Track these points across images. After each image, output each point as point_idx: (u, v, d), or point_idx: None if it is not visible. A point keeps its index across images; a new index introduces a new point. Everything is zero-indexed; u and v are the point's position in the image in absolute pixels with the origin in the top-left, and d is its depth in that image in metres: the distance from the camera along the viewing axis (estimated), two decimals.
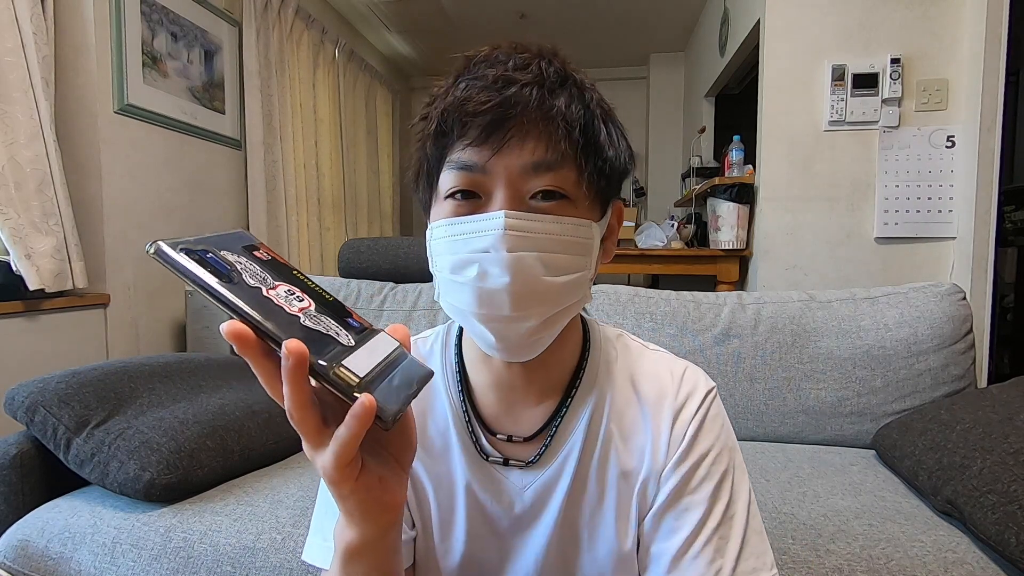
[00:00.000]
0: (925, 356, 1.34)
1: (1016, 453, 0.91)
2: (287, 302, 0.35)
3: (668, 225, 2.76)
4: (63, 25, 1.78)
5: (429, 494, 0.57)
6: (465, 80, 0.46)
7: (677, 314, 1.46)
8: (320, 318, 0.35)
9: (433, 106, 0.48)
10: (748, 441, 1.41)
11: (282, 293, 0.35)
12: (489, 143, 0.45)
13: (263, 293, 0.34)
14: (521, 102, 0.44)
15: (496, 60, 0.46)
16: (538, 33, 3.87)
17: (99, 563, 0.97)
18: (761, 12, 2.27)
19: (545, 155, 0.45)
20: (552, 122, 0.45)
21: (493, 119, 0.45)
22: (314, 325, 0.35)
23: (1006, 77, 1.92)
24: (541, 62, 0.46)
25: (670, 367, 0.57)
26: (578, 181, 0.47)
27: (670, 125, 4.32)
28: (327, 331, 0.35)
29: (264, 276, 0.35)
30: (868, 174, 2.14)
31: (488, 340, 0.49)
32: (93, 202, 1.85)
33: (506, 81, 0.45)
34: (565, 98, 0.46)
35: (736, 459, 0.55)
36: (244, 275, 0.34)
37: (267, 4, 2.66)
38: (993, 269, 1.96)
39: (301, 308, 0.35)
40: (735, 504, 0.52)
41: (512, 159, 0.45)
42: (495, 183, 0.46)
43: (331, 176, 3.32)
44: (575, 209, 0.47)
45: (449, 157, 0.47)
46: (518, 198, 0.46)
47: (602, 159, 0.48)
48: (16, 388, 1.11)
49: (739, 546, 0.50)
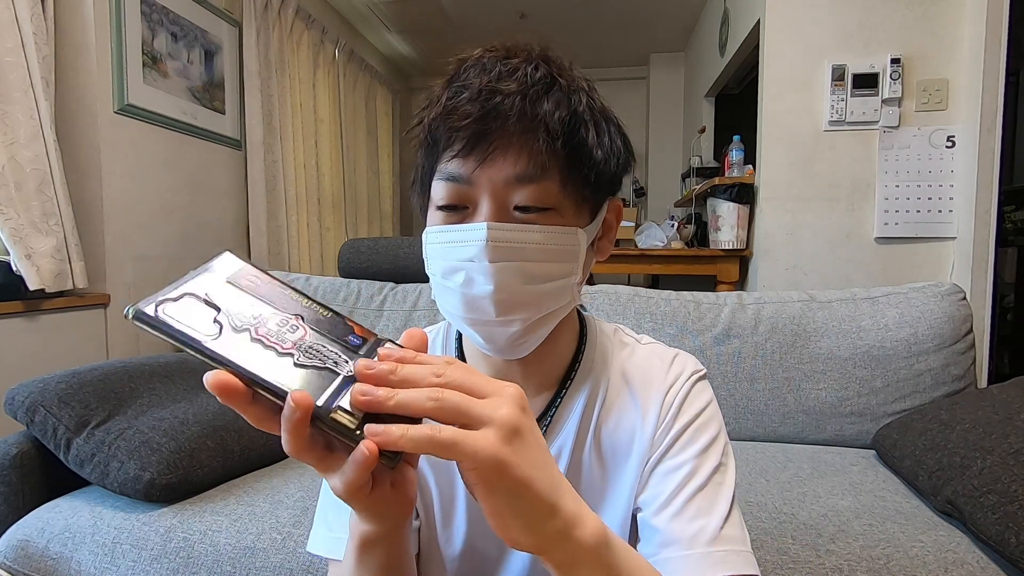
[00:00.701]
0: (925, 356, 1.34)
1: (1016, 453, 0.91)
2: (280, 338, 0.33)
3: (668, 225, 2.76)
4: (63, 25, 1.79)
5: (431, 483, 0.58)
6: (454, 88, 0.46)
7: (677, 314, 1.46)
8: (317, 350, 0.34)
9: (425, 111, 0.49)
10: (748, 441, 1.41)
11: (273, 328, 0.33)
12: (474, 155, 0.46)
13: (254, 335, 0.32)
14: (503, 114, 0.45)
15: (483, 67, 0.46)
16: (538, 33, 3.86)
17: (99, 563, 0.97)
18: (761, 12, 2.27)
19: (527, 167, 0.46)
20: (534, 133, 0.45)
21: (476, 131, 0.45)
22: (310, 361, 0.33)
23: (1006, 77, 1.92)
24: (528, 67, 0.46)
25: (661, 355, 0.59)
26: (561, 191, 0.47)
27: (670, 125, 4.32)
28: (324, 363, 0.33)
29: (254, 312, 0.33)
30: (868, 174, 2.14)
31: (478, 341, 0.52)
32: (93, 202, 1.85)
33: (490, 92, 0.45)
34: (550, 105, 0.46)
35: (724, 437, 0.55)
36: (231, 318, 0.32)
37: (267, 4, 2.66)
38: (993, 269, 1.96)
39: (295, 342, 0.33)
40: (723, 474, 0.52)
41: (495, 171, 0.46)
42: (480, 194, 0.47)
43: (331, 176, 3.32)
44: (560, 217, 0.48)
45: (438, 167, 0.48)
46: (502, 209, 0.47)
47: (588, 166, 0.48)
48: (16, 388, 1.11)
49: (725, 512, 0.50)
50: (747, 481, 1.14)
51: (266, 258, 2.70)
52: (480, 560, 0.58)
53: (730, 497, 0.51)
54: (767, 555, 0.89)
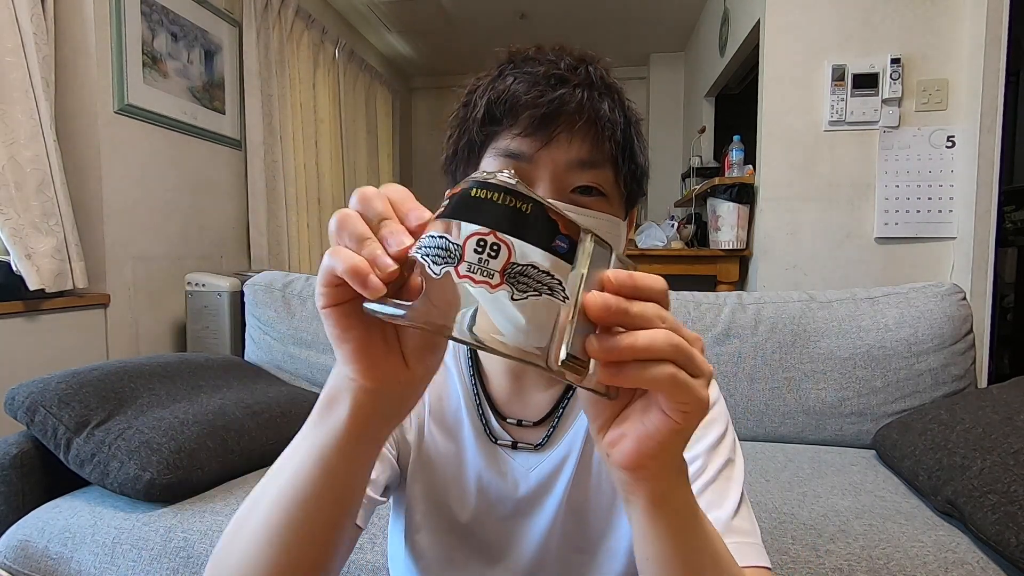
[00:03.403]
0: (925, 356, 1.34)
1: (1016, 453, 0.92)
2: (483, 269, 0.26)
3: (668, 225, 2.76)
4: (63, 25, 1.79)
5: (438, 469, 0.59)
6: (512, 74, 0.49)
7: (677, 314, 1.46)
8: (528, 275, 0.26)
9: (477, 94, 0.50)
10: (748, 441, 1.41)
11: (472, 256, 0.26)
12: (538, 135, 0.48)
13: (457, 276, 0.26)
14: (572, 101, 0.47)
15: (545, 59, 0.49)
16: (538, 33, 3.87)
17: (99, 563, 0.97)
18: (761, 12, 2.27)
19: (590, 153, 0.48)
20: (598, 123, 0.48)
21: (545, 113, 0.47)
22: (525, 292, 0.26)
23: (1006, 77, 1.92)
24: (589, 67, 0.50)
25: None
26: (615, 181, 0.51)
27: (670, 125, 4.32)
28: (540, 291, 0.26)
29: (446, 243, 0.27)
30: (868, 174, 2.14)
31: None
32: (93, 202, 1.85)
33: (559, 79, 0.48)
34: (609, 103, 0.49)
35: (732, 434, 0.55)
36: (429, 259, 0.27)
37: (267, 4, 2.66)
38: (993, 269, 1.96)
39: (502, 269, 0.26)
40: (732, 469, 0.53)
41: (559, 153, 0.48)
42: (540, 174, 0.48)
43: (331, 176, 3.32)
44: (609, 206, 0.50)
45: (494, 144, 0.50)
46: (560, 190, 0.49)
47: (635, 163, 0.52)
48: (16, 388, 1.11)
49: (735, 505, 0.50)
50: (747, 481, 1.14)
51: (266, 258, 2.70)
52: (481, 551, 0.58)
53: (739, 491, 0.52)
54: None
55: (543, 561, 0.57)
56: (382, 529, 0.98)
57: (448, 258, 0.26)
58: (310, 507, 0.36)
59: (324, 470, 0.35)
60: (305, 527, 0.36)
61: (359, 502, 0.40)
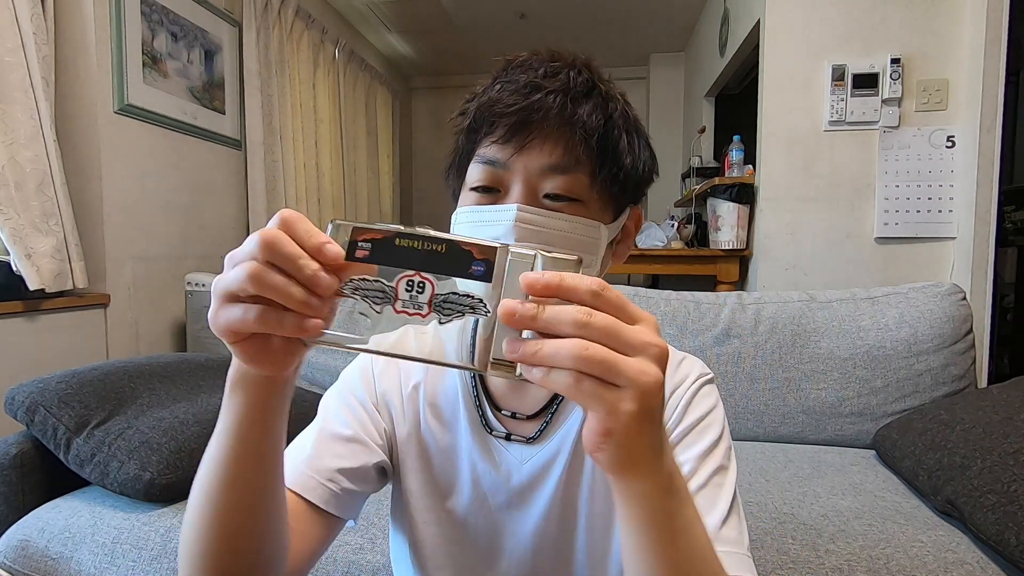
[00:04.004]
0: (925, 356, 1.34)
1: (1016, 453, 0.92)
2: (414, 303, 0.32)
3: (668, 225, 2.76)
4: (63, 25, 1.78)
5: (434, 460, 0.60)
6: (500, 82, 0.51)
7: (677, 314, 1.46)
8: (451, 302, 0.32)
9: (471, 103, 0.53)
10: (748, 441, 1.41)
11: (404, 295, 0.32)
12: (512, 142, 0.49)
13: (395, 311, 0.32)
14: (544, 108, 0.49)
15: (530, 66, 0.51)
16: (538, 33, 3.87)
17: (99, 563, 0.97)
18: (761, 12, 2.27)
19: (561, 158, 0.49)
20: (571, 128, 0.49)
21: (518, 121, 0.49)
22: (450, 315, 0.32)
23: (1006, 77, 1.92)
24: (571, 71, 0.51)
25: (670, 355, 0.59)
26: (590, 185, 0.51)
27: (670, 125, 4.31)
28: (463, 312, 0.32)
29: (381, 287, 0.32)
30: (868, 174, 2.14)
31: None
32: (93, 202, 1.85)
33: (534, 87, 0.49)
34: (588, 107, 0.50)
35: (727, 441, 0.55)
36: (370, 301, 0.32)
37: (267, 4, 2.66)
38: (993, 269, 1.96)
39: (429, 302, 0.32)
40: (724, 476, 0.52)
41: (531, 159, 0.49)
42: (513, 179, 0.50)
43: (331, 176, 3.32)
44: (586, 210, 0.51)
45: (477, 152, 0.52)
46: (532, 195, 0.50)
47: (617, 166, 0.52)
48: (16, 388, 1.11)
49: (724, 513, 0.50)
50: (747, 481, 1.14)
51: None
52: (472, 545, 0.59)
53: (730, 499, 0.51)
54: (767, 555, 0.90)
55: (539, 555, 0.57)
56: (382, 529, 0.98)
57: (385, 298, 0.32)
58: (231, 474, 0.41)
59: (239, 439, 0.41)
60: (233, 493, 0.42)
61: (279, 464, 0.44)
